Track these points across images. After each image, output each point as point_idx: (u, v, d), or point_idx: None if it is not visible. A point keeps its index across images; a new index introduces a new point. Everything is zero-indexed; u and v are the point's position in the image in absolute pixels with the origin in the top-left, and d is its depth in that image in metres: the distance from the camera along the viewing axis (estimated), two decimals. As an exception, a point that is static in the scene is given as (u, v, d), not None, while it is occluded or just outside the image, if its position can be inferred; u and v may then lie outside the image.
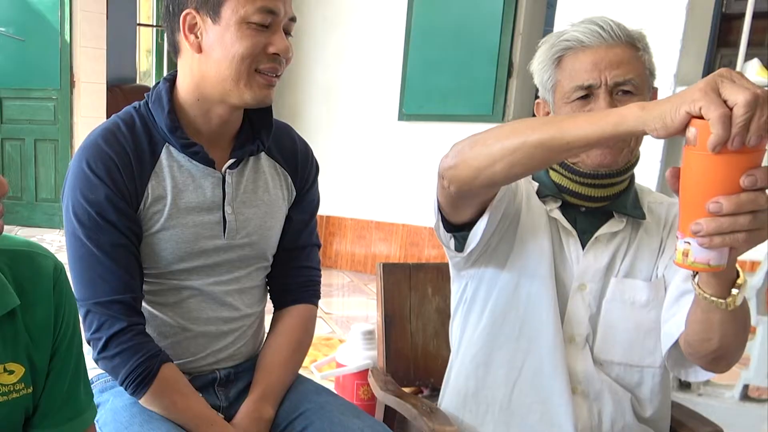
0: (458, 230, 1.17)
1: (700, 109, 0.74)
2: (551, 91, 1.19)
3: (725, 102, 0.74)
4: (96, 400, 1.19)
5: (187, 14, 1.12)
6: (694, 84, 0.77)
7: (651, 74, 1.17)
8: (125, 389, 1.16)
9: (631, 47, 1.13)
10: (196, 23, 1.12)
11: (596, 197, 1.19)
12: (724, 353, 1.03)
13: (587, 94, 1.13)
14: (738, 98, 0.72)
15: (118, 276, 1.13)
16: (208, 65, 1.13)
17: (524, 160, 0.93)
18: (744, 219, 0.77)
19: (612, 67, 1.12)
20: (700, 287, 0.93)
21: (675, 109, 0.77)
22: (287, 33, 1.15)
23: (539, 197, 1.23)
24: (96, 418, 1.17)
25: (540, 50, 1.21)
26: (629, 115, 0.82)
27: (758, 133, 0.73)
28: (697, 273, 0.93)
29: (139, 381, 1.13)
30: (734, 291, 0.91)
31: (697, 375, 1.14)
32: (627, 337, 1.20)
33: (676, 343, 1.11)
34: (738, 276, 0.91)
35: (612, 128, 0.83)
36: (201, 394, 1.21)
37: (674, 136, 0.79)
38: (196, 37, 1.13)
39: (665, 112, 0.78)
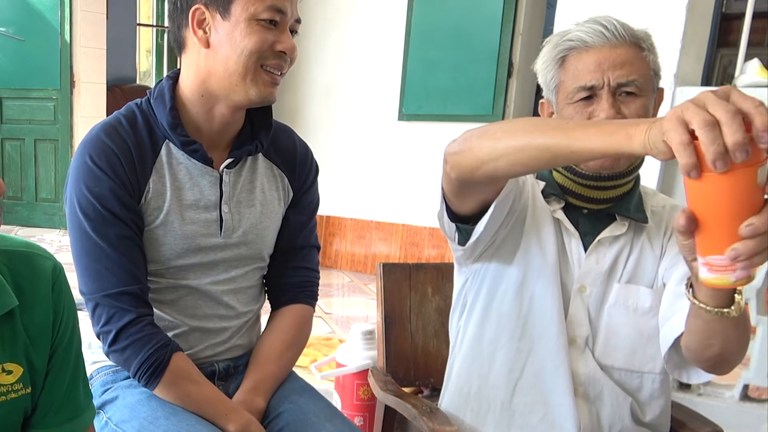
0: (462, 221, 1.16)
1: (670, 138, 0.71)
2: (554, 92, 1.18)
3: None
4: (100, 396, 1.19)
5: (196, 9, 1.13)
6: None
7: (656, 75, 1.15)
8: (138, 381, 1.16)
9: (635, 47, 1.12)
10: (205, 18, 1.13)
11: (599, 199, 1.18)
12: (727, 357, 1.01)
13: (590, 95, 1.12)
14: (693, 124, 0.69)
15: (125, 268, 1.14)
16: (216, 61, 1.14)
17: (527, 160, 0.92)
18: None
19: (615, 67, 1.10)
20: (700, 301, 0.90)
21: (659, 135, 0.73)
22: (293, 33, 1.17)
23: (543, 196, 1.22)
24: (109, 416, 1.17)
25: (544, 50, 1.19)
26: (636, 136, 0.77)
27: (739, 149, 0.67)
28: (692, 287, 0.91)
29: (151, 371, 1.13)
30: (737, 297, 0.89)
31: (699, 377, 1.13)
32: (629, 343, 1.19)
33: (675, 345, 1.10)
34: None
35: (616, 146, 0.81)
36: None
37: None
38: (205, 32, 1.14)
39: (654, 136, 0.74)
